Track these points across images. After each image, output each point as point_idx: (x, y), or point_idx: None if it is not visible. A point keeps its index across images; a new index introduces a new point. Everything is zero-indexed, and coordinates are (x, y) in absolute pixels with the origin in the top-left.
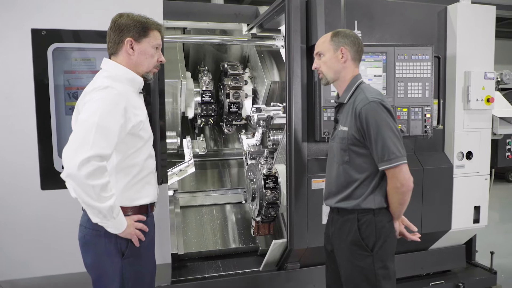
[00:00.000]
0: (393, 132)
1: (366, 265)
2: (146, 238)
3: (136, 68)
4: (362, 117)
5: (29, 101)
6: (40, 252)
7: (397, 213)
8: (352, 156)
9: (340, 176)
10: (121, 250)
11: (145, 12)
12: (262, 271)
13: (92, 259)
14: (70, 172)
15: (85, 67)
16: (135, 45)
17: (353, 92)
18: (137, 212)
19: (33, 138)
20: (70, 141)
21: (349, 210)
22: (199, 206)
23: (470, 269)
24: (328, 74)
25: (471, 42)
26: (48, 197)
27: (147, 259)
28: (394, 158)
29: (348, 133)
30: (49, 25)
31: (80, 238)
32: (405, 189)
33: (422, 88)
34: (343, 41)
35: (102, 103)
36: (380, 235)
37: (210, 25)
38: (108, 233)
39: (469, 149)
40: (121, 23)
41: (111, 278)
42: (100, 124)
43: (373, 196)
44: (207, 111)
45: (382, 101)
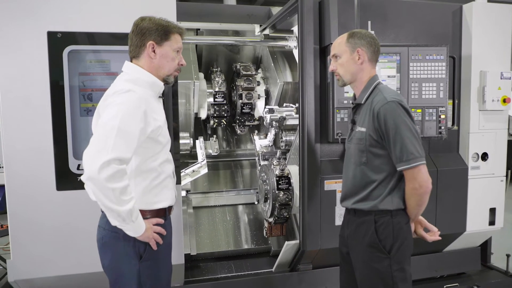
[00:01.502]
0: (412, 132)
1: (383, 268)
2: (163, 241)
3: (157, 71)
4: (381, 117)
5: (45, 103)
6: (56, 252)
7: (414, 214)
8: (369, 157)
9: (357, 177)
10: (139, 253)
11: (159, 14)
12: (274, 272)
13: (110, 260)
14: (91, 175)
15: (99, 69)
16: (157, 49)
17: (370, 93)
18: (155, 216)
19: (48, 139)
20: (91, 144)
21: (366, 211)
22: (211, 206)
23: (485, 271)
24: (345, 76)
25: (487, 42)
26: (63, 197)
27: (164, 262)
28: (412, 159)
29: (366, 134)
30: (64, 27)
31: (99, 239)
32: (423, 190)
33: (436, 89)
34: (359, 42)
35: (123, 106)
36: (398, 237)
37: (222, 26)
38: (126, 236)
39: (485, 150)
40: (143, 26)
41: (128, 280)
42: (120, 127)
43: (390, 197)
44: (220, 112)
45: (401, 101)
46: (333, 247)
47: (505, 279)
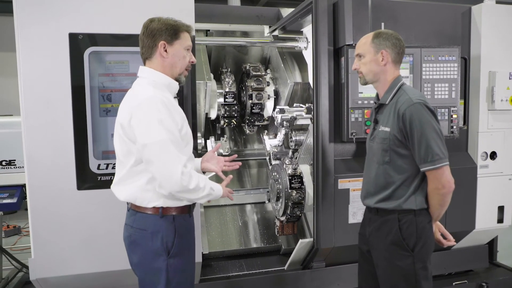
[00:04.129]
0: (437, 133)
1: (406, 266)
2: (189, 237)
3: (171, 70)
4: (406, 118)
5: (66, 103)
6: (77, 250)
7: (436, 214)
8: (393, 157)
9: (380, 176)
10: (167, 249)
11: (177, 16)
12: (286, 270)
13: (139, 258)
14: (178, 189)
15: (118, 70)
16: (168, 48)
17: (395, 93)
18: (180, 212)
19: (69, 139)
20: (158, 167)
21: (389, 210)
22: (222, 206)
23: (492, 269)
24: (368, 76)
25: (496, 42)
26: (83, 197)
27: (189, 258)
28: (437, 160)
29: (390, 134)
30: (86, 29)
31: (126, 237)
32: (446, 190)
33: (448, 89)
34: (384, 43)
35: (156, 117)
36: (421, 235)
37: (232, 27)
38: (155, 233)
39: (493, 149)
40: (153, 27)
41: (157, 276)
42: (169, 138)
43: (414, 197)
44: (230, 112)
45: (426, 103)
46: (347, 245)
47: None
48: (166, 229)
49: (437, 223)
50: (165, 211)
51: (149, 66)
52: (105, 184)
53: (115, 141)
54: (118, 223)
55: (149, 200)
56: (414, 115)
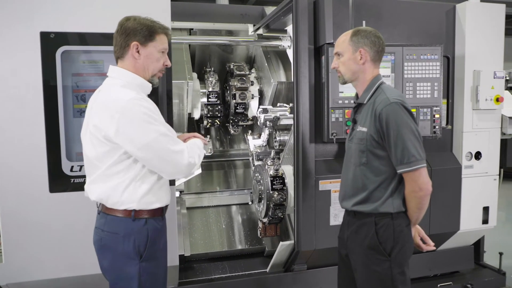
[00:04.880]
0: (414, 134)
1: (383, 270)
2: (161, 241)
3: (142, 72)
4: (383, 118)
5: (38, 104)
6: (50, 254)
7: (414, 218)
8: (370, 158)
9: (357, 178)
10: (139, 253)
11: (153, 15)
12: (269, 272)
13: (110, 262)
14: (191, 170)
15: (93, 70)
16: (141, 49)
17: (373, 93)
18: (152, 215)
19: (41, 140)
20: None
21: (366, 213)
22: (205, 207)
23: (478, 270)
24: (346, 75)
25: (480, 41)
26: (56, 199)
27: (161, 261)
28: (413, 161)
29: (367, 134)
30: (57, 28)
31: (97, 241)
32: (423, 193)
33: (431, 88)
34: (362, 41)
35: (146, 115)
36: (399, 239)
37: (216, 25)
38: (127, 236)
39: (478, 149)
40: (127, 26)
41: (129, 281)
42: (161, 133)
43: (391, 199)
44: (213, 112)
45: (404, 103)
46: (328, 247)
47: (498, 277)
48: (138, 232)
49: (417, 227)
50: (138, 214)
51: (121, 66)
52: (78, 186)
53: (86, 143)
54: (92, 226)
55: (122, 202)
56: (391, 115)
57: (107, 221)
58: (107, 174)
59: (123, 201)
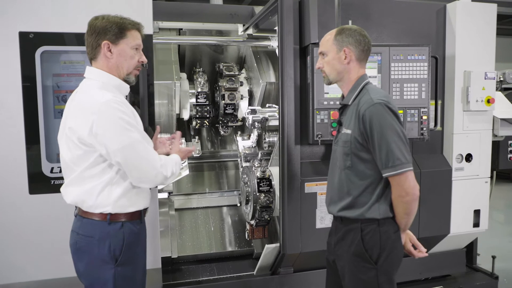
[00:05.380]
0: (399, 136)
1: (369, 278)
2: (138, 244)
3: (117, 71)
4: (366, 119)
5: (17, 104)
6: (30, 256)
7: (403, 223)
8: (354, 161)
9: (342, 182)
10: (115, 257)
11: (134, 14)
12: (255, 275)
13: (85, 266)
14: (161, 182)
15: (73, 70)
16: (113, 48)
17: (358, 93)
18: (129, 219)
19: (21, 141)
20: (139, 166)
21: (352, 219)
22: (194, 208)
23: (470, 273)
24: (331, 75)
25: (471, 41)
26: (36, 201)
27: (139, 265)
28: (399, 165)
29: (351, 137)
30: (37, 28)
31: (72, 244)
32: (410, 198)
33: (418, 89)
34: (347, 40)
35: (122, 120)
36: (385, 246)
37: (205, 25)
38: (102, 240)
39: (469, 151)
40: (97, 26)
41: (103, 285)
42: (135, 139)
43: (377, 205)
44: (202, 112)
45: (388, 103)
46: (314, 251)
47: (490, 281)
48: (114, 236)
49: (408, 233)
50: (113, 218)
51: (95, 66)
52: (58, 188)
53: (62, 146)
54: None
55: (97, 206)
56: (374, 116)
57: (83, 224)
58: (82, 177)
59: (98, 204)
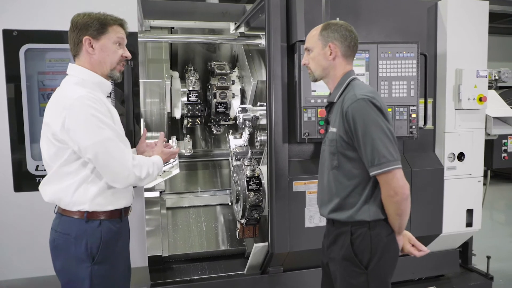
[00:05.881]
0: (384, 133)
1: (359, 284)
2: (117, 243)
3: (100, 67)
4: (349, 116)
5: (1, 102)
6: (15, 254)
7: (396, 225)
8: (341, 161)
9: (331, 183)
10: (92, 255)
11: (118, 11)
12: (246, 274)
13: (61, 263)
14: (133, 182)
15: (59, 68)
16: (94, 43)
17: (343, 90)
18: (108, 217)
19: (5, 139)
20: (108, 165)
21: (342, 222)
22: (186, 207)
23: (465, 274)
24: (316, 71)
25: (463, 39)
26: (21, 199)
27: (119, 264)
28: (385, 163)
29: (336, 135)
30: (20, 25)
31: (51, 241)
32: (399, 197)
33: (407, 87)
34: (332, 35)
35: (93, 116)
36: (376, 250)
37: (197, 24)
38: (78, 238)
39: (461, 150)
40: (78, 22)
41: (80, 284)
42: (112, 134)
43: (367, 206)
44: (193, 111)
45: (373, 98)
46: (304, 250)
47: (485, 282)
48: (91, 234)
49: (406, 233)
50: (91, 216)
51: (78, 63)
52: None
53: (42, 142)
54: None
55: (74, 203)
56: (357, 112)
57: (61, 222)
58: (58, 175)
59: (74, 202)
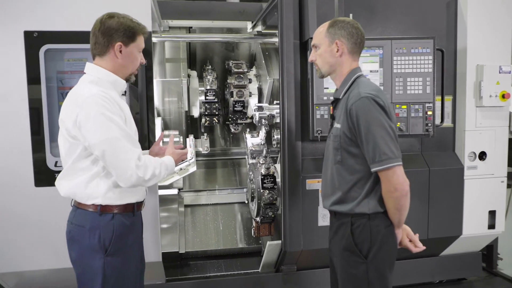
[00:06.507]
0: (386, 130)
1: (359, 273)
2: (130, 236)
3: (122, 70)
4: (353, 114)
5: (22, 101)
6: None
7: (396, 220)
8: (344, 156)
9: (334, 177)
10: (104, 247)
11: (133, 12)
12: (260, 272)
13: (76, 254)
14: (136, 183)
15: (77, 67)
16: (123, 49)
17: (349, 87)
18: (123, 211)
19: (27, 136)
20: (112, 163)
21: (344, 213)
22: (204, 205)
23: (489, 278)
24: (323, 68)
25: (484, 34)
26: (41, 193)
27: (131, 257)
28: (386, 159)
29: (340, 131)
30: (40, 27)
31: (67, 233)
32: (399, 193)
33: (422, 84)
34: (339, 32)
35: (103, 115)
36: (376, 241)
37: (215, 23)
38: (92, 230)
39: (482, 149)
40: (110, 26)
41: (93, 274)
42: (120, 134)
43: (367, 200)
44: (211, 110)
45: (376, 97)
46: (317, 249)
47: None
48: (104, 227)
49: (405, 227)
50: (104, 209)
51: (99, 63)
52: None
53: (59, 138)
54: None
55: (88, 197)
56: (360, 110)
57: (76, 215)
58: (72, 170)
59: (88, 196)
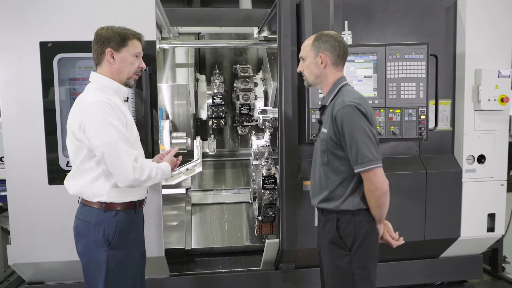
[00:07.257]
0: (368, 136)
1: (344, 265)
2: (132, 232)
3: (118, 75)
4: (338, 120)
5: (38, 105)
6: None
7: (377, 216)
8: (330, 158)
9: (321, 177)
10: (108, 241)
11: (139, 22)
12: (261, 269)
13: (82, 247)
14: (132, 183)
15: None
16: (115, 55)
17: (335, 95)
18: (125, 208)
19: (41, 138)
20: (111, 165)
21: (330, 210)
22: (211, 204)
23: (492, 281)
24: (310, 78)
25: (483, 39)
26: (54, 191)
27: (133, 251)
28: (367, 162)
29: (327, 135)
30: (54, 37)
31: (74, 228)
32: (379, 192)
33: (416, 89)
34: (323, 46)
35: (104, 120)
36: (359, 235)
37: (223, 29)
38: (97, 225)
39: (481, 152)
40: (102, 35)
41: (97, 266)
42: (118, 137)
43: (351, 198)
44: (217, 112)
45: (359, 105)
46: (313, 248)
47: None
48: (108, 222)
49: (386, 223)
50: (108, 206)
51: (99, 71)
52: None
53: (67, 141)
54: None
55: (94, 195)
56: (344, 117)
57: (83, 211)
58: (80, 170)
59: (94, 194)
